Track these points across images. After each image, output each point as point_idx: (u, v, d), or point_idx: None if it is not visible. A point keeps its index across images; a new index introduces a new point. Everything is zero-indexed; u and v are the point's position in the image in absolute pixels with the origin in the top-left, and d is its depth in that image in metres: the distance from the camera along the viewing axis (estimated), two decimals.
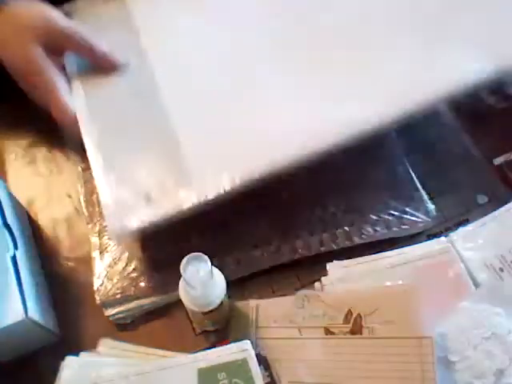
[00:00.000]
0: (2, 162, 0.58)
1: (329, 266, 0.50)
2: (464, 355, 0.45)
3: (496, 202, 0.54)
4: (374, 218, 0.52)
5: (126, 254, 0.52)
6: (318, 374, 0.45)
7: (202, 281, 0.42)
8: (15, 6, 0.51)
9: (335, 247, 0.51)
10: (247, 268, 0.51)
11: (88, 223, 0.54)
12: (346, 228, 0.52)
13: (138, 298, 0.50)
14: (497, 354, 0.44)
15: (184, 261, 0.42)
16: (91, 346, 0.47)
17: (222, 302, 0.45)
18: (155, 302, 0.50)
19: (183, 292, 0.45)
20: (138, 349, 0.48)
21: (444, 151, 0.57)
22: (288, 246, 0.51)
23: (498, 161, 0.56)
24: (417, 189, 0.54)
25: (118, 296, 0.50)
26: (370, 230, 0.52)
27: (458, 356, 0.45)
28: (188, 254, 0.42)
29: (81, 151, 0.51)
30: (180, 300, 0.45)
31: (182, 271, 0.42)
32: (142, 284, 0.50)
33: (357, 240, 0.51)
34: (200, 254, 0.42)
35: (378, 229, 0.52)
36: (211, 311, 0.45)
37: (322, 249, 0.51)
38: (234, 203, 0.46)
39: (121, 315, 0.49)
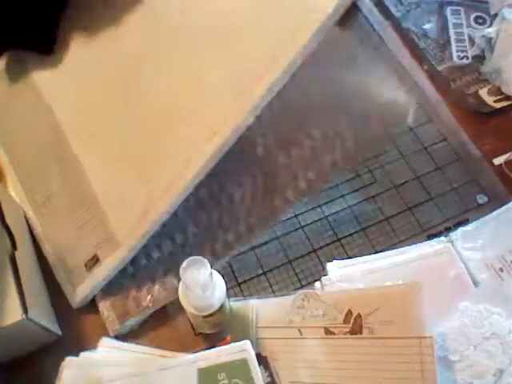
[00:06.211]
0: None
1: (329, 265, 0.50)
2: (464, 355, 0.45)
3: (496, 202, 0.54)
4: None
5: None
6: (318, 374, 0.45)
7: (201, 284, 0.42)
8: None
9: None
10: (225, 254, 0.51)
11: None
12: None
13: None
14: (497, 354, 0.45)
15: (184, 264, 0.42)
16: (91, 346, 0.47)
17: (222, 305, 0.45)
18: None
19: (183, 296, 0.44)
20: (138, 349, 0.48)
21: (444, 151, 0.57)
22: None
23: (497, 161, 0.56)
24: None
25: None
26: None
27: (458, 356, 0.45)
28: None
29: None
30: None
31: (181, 275, 0.42)
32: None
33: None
34: (200, 257, 0.42)
35: None
36: (212, 314, 0.45)
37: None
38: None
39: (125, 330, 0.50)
